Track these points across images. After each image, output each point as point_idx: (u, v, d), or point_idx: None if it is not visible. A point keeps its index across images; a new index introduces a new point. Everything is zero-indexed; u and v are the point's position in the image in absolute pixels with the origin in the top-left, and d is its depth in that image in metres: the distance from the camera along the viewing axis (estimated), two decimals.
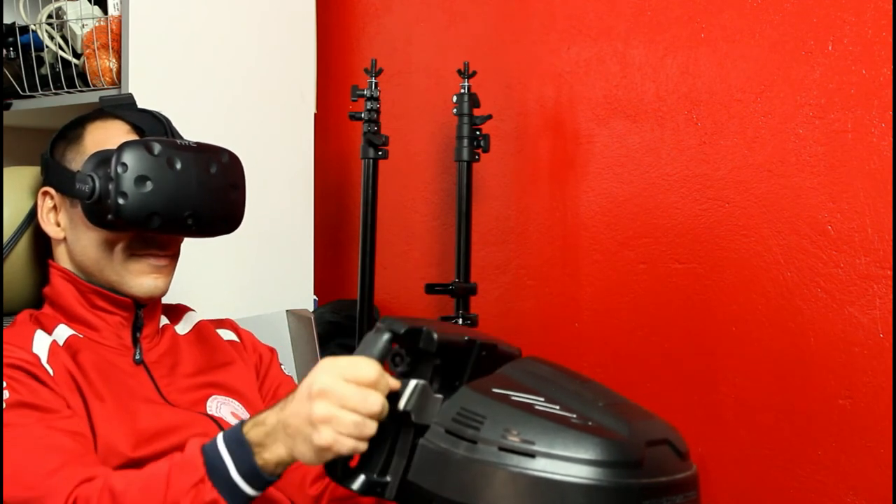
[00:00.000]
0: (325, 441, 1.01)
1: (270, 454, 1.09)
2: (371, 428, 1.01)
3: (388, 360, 1.03)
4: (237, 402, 1.42)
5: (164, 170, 1.32)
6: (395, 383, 1.02)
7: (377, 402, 1.00)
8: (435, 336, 1.01)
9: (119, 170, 1.30)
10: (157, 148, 1.32)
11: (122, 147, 1.31)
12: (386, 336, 1.01)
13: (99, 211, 1.32)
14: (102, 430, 1.26)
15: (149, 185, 1.31)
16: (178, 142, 1.37)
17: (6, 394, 1.22)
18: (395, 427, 1.02)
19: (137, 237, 1.36)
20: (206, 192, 1.36)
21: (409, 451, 1.00)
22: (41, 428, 1.20)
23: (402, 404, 1.01)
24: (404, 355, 1.03)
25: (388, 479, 1.02)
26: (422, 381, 1.02)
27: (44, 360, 1.28)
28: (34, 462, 1.17)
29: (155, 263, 1.37)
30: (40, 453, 1.18)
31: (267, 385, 1.50)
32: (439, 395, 1.02)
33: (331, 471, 1.05)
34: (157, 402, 1.34)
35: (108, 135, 1.38)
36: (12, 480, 1.16)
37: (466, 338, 1.05)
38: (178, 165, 1.34)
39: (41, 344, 1.31)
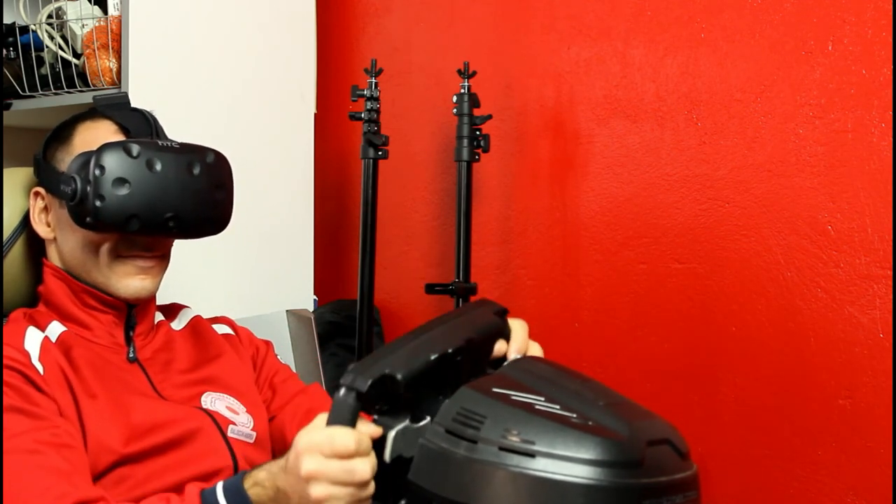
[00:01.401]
0: None
1: None
2: (369, 489, 1.01)
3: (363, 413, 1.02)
4: (231, 397, 1.42)
5: (143, 171, 1.31)
6: (376, 431, 1.01)
7: (364, 471, 1.00)
8: (399, 377, 0.99)
9: (97, 172, 1.29)
10: (135, 149, 1.31)
11: (101, 149, 1.31)
12: (351, 397, 1.00)
13: (80, 213, 1.31)
14: (93, 427, 1.26)
15: (127, 188, 1.30)
16: (160, 143, 1.35)
17: None
18: (392, 465, 1.02)
19: (122, 239, 1.35)
20: (188, 194, 1.35)
21: None
22: (32, 441, 1.19)
23: (387, 456, 1.01)
24: (378, 404, 1.02)
25: (404, 501, 1.02)
26: (401, 426, 1.01)
27: (35, 358, 1.28)
28: (25, 482, 1.16)
29: (141, 265, 1.37)
30: (31, 472, 1.16)
31: (263, 375, 1.50)
32: (426, 420, 1.01)
33: None
34: (152, 397, 1.34)
35: (97, 135, 1.37)
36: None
37: (434, 356, 1.02)
38: (158, 167, 1.32)
39: (33, 341, 1.30)
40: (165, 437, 1.30)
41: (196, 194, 1.36)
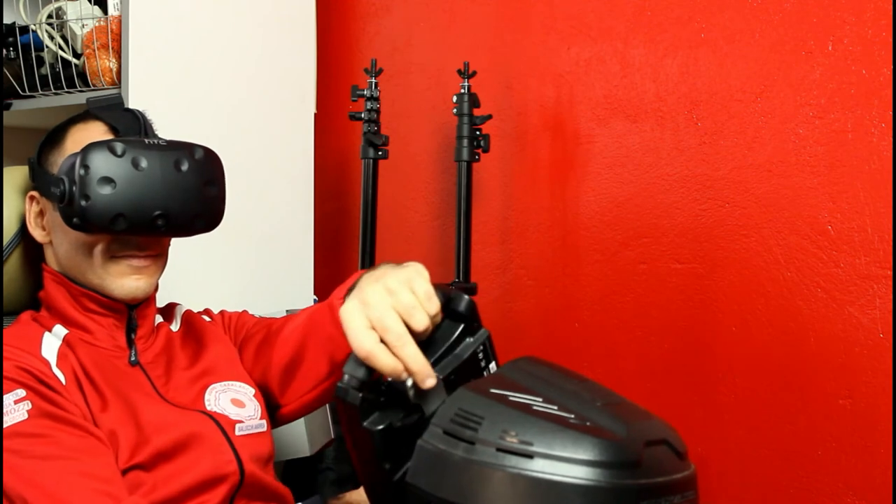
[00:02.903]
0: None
1: None
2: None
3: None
4: (236, 384, 1.41)
5: (128, 170, 1.30)
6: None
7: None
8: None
9: (81, 172, 1.28)
10: (120, 148, 1.30)
11: (86, 149, 1.30)
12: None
13: (69, 214, 1.31)
14: (105, 437, 1.25)
15: (113, 187, 1.29)
16: (147, 141, 1.34)
17: (28, 404, 1.21)
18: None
19: (116, 239, 1.34)
20: (175, 191, 1.33)
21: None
22: (70, 449, 1.19)
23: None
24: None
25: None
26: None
27: (53, 366, 1.28)
28: (69, 488, 1.16)
29: (136, 265, 1.36)
30: (75, 478, 1.17)
31: (242, 335, 1.50)
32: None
33: None
34: (156, 401, 1.34)
35: (88, 136, 1.37)
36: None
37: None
38: (144, 164, 1.31)
39: (50, 348, 1.30)
40: (169, 444, 1.29)
41: (184, 191, 1.34)
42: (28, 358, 1.27)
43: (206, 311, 1.55)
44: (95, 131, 1.38)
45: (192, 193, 1.36)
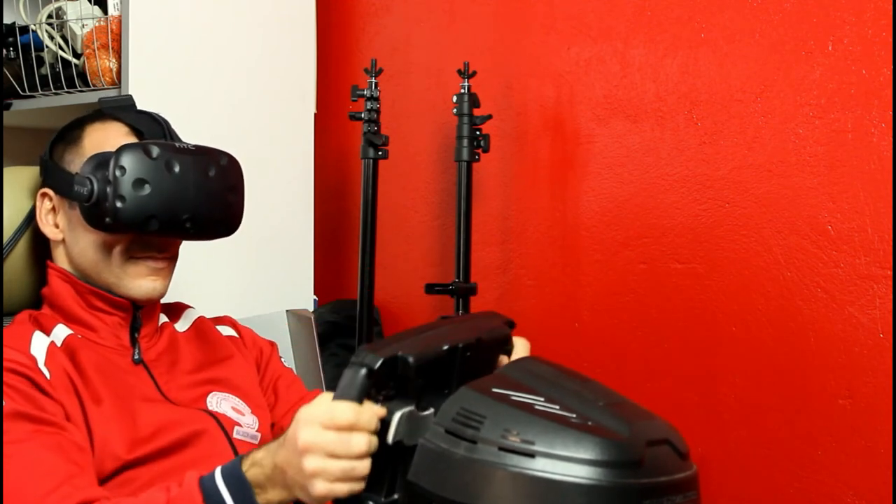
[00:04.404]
0: (320, 492, 1.02)
1: (272, 495, 1.10)
2: (362, 467, 1.01)
3: (369, 395, 1.02)
4: (237, 398, 1.42)
5: (162, 173, 1.33)
6: (381, 410, 1.01)
7: (361, 443, 1.00)
8: (411, 360, 1.00)
9: (117, 173, 1.30)
10: (155, 151, 1.33)
11: (121, 150, 1.32)
12: (362, 373, 1.00)
13: (97, 213, 1.32)
14: (99, 432, 1.26)
15: (147, 189, 1.31)
16: (177, 145, 1.37)
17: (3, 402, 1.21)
18: (391, 452, 1.02)
19: (136, 240, 1.36)
20: (204, 196, 1.37)
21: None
22: (36, 446, 1.19)
23: (389, 437, 1.01)
24: (385, 385, 1.02)
25: (396, 496, 1.02)
26: (406, 409, 1.01)
27: (41, 363, 1.28)
28: (28, 484, 1.16)
29: (153, 266, 1.38)
30: (35, 474, 1.17)
31: (267, 378, 1.50)
32: (429, 411, 1.02)
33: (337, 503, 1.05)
34: (157, 399, 1.34)
35: (107, 136, 1.38)
36: (6, 502, 1.16)
37: (446, 347, 1.03)
38: (177, 168, 1.34)
39: (39, 345, 1.30)
40: (170, 440, 1.30)
41: (211, 196, 1.38)
42: (14, 354, 1.27)
43: (227, 321, 1.55)
44: (114, 132, 1.39)
45: (217, 198, 1.39)
